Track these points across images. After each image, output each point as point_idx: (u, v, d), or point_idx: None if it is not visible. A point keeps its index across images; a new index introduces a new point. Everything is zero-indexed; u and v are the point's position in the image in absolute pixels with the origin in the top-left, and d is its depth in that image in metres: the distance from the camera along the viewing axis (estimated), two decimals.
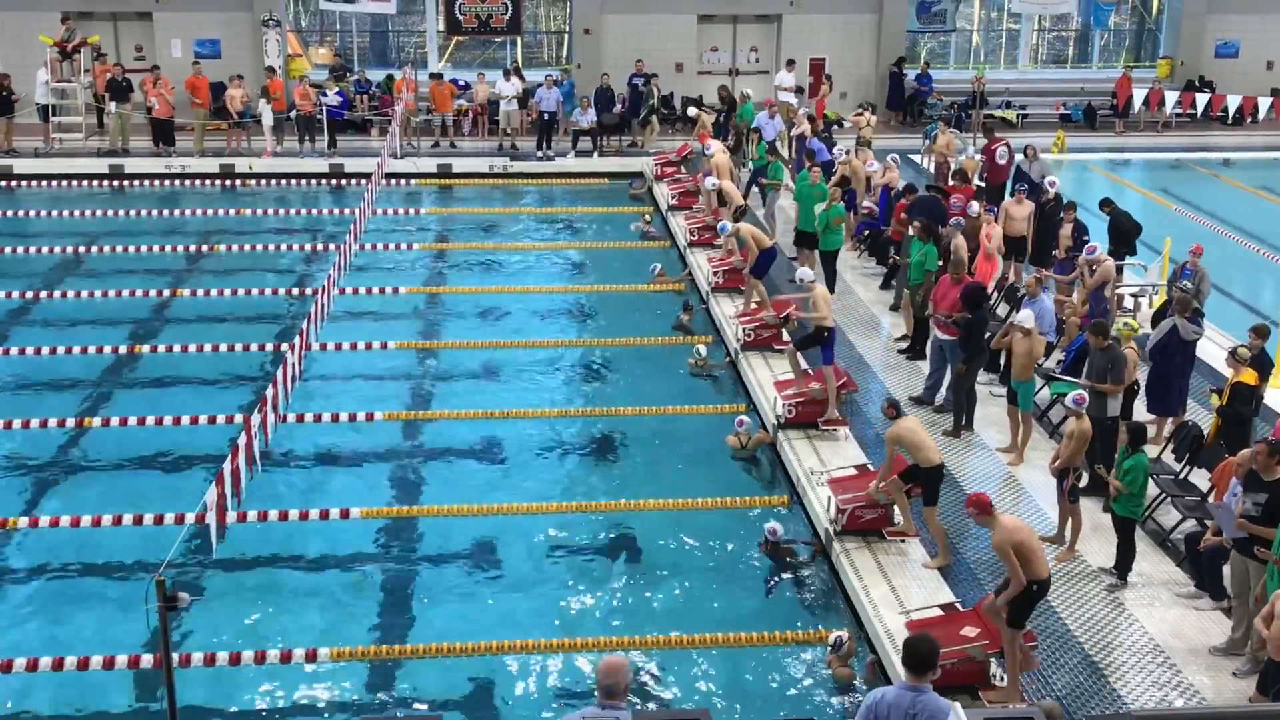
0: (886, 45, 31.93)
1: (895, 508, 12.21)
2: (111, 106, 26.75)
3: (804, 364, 15.07)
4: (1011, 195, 19.25)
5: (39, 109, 27.23)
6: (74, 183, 25.86)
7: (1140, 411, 13.98)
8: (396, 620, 11.46)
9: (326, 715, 10.15)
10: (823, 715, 10.15)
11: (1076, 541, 11.88)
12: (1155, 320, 15.57)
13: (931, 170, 24.61)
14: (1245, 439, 12.12)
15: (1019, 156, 21.71)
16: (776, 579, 12.16)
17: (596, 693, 7.17)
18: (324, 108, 27.08)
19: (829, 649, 10.66)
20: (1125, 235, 18.35)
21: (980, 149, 23.65)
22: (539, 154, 27.45)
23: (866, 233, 20.64)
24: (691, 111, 27.70)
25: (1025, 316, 13.71)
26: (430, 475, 14.20)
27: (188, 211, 24.72)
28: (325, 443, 14.75)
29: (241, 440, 11.23)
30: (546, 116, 27.38)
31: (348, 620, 11.37)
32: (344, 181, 26.33)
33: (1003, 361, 14.95)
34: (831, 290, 18.66)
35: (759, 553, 12.47)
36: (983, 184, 21.74)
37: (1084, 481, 12.25)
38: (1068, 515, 11.94)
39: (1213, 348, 16.39)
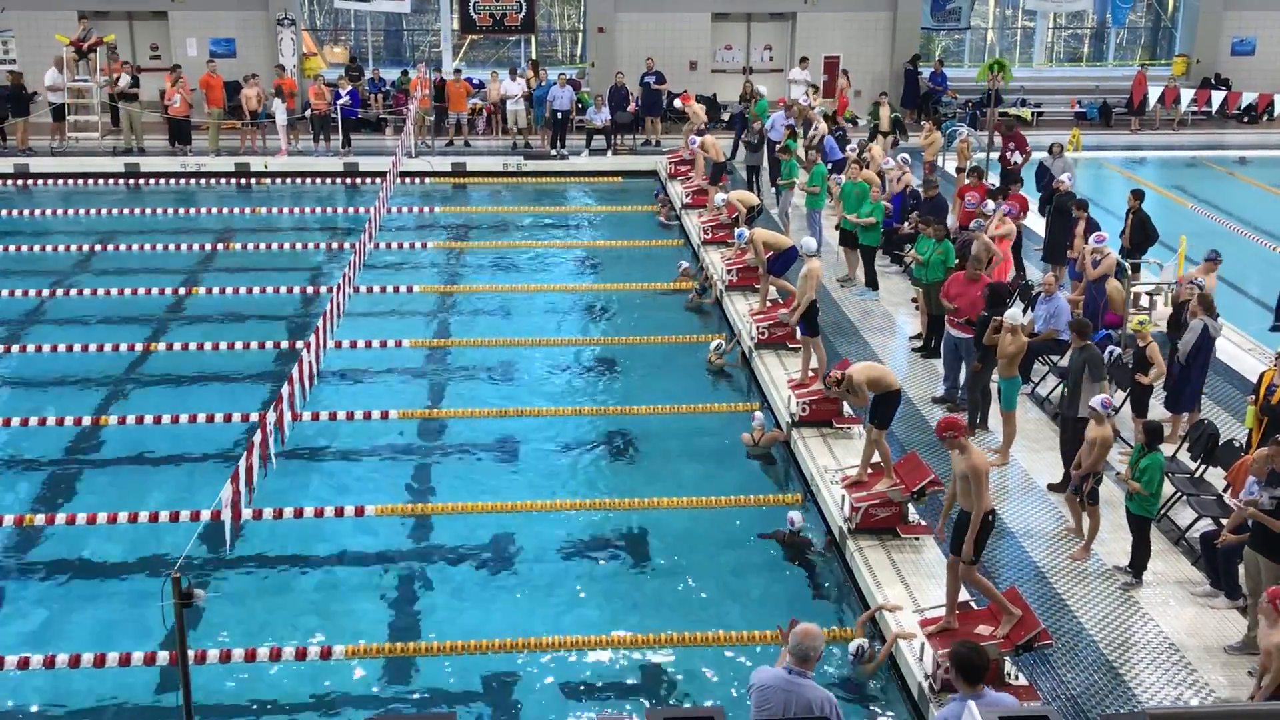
0: (901, 43, 31.90)
1: (909, 506, 12.20)
2: (123, 105, 26.85)
3: (816, 362, 15.07)
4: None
5: (51, 108, 27.36)
6: (90, 181, 25.99)
7: (1156, 409, 13.93)
8: (411, 617, 11.47)
9: (341, 712, 10.17)
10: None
11: (1093, 541, 11.84)
12: (1171, 320, 15.42)
13: (951, 170, 24.56)
14: None
15: (1044, 154, 21.60)
16: (791, 577, 12.14)
17: (788, 656, 7.31)
18: (338, 107, 27.16)
19: (851, 657, 10.61)
20: (1146, 233, 18.26)
21: (1007, 136, 23.50)
22: (553, 152, 27.48)
23: (880, 231, 20.55)
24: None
25: (1012, 314, 13.63)
26: (445, 473, 14.22)
27: (203, 210, 24.84)
28: (340, 440, 14.79)
29: (257, 438, 11.27)
30: (559, 115, 27.45)
31: (362, 617, 11.39)
32: (359, 180, 26.40)
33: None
34: (876, 288, 18.85)
35: (775, 542, 12.46)
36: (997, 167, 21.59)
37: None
38: (1081, 514, 11.91)
39: (1229, 345, 16.33)
